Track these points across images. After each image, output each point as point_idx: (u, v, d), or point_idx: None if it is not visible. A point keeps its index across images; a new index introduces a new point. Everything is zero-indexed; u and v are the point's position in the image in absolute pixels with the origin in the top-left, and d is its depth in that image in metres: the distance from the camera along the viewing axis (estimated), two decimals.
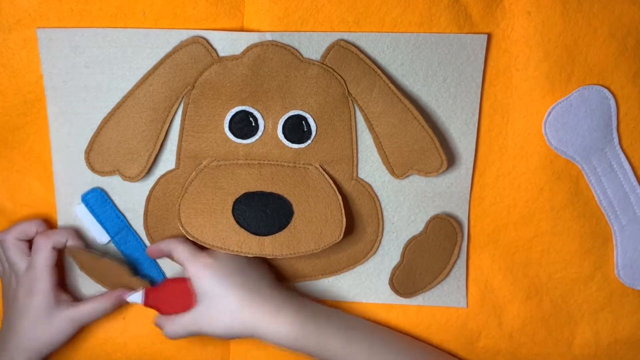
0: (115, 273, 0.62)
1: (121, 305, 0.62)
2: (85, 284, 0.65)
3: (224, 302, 0.58)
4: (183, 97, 0.60)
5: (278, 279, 0.65)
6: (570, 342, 0.67)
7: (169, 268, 0.66)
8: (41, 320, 0.59)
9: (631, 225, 0.64)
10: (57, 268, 0.62)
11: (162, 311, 0.61)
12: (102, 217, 0.63)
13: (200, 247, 0.61)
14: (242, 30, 0.59)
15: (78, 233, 0.63)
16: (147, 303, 0.61)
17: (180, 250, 0.60)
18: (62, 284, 0.65)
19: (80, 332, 0.65)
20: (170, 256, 0.62)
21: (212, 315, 0.59)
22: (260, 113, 0.60)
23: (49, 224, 0.64)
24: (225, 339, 0.60)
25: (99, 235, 0.63)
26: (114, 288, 0.64)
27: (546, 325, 0.66)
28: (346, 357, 0.60)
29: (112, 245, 0.65)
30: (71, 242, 0.61)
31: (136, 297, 0.61)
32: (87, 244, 0.64)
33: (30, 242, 0.62)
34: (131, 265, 0.65)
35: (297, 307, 0.60)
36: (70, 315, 0.60)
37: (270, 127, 0.61)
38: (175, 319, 0.60)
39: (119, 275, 0.63)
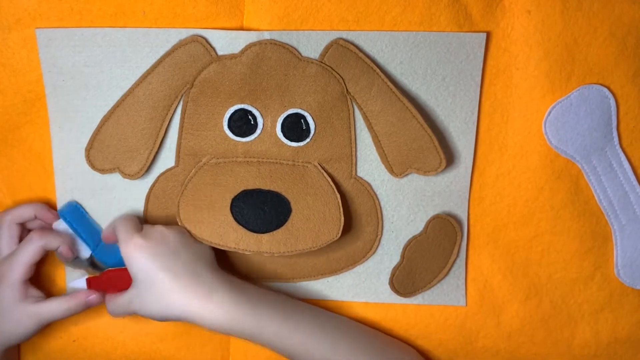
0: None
1: (88, 307, 0.60)
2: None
3: (153, 285, 0.57)
4: (182, 95, 0.59)
5: (278, 279, 0.65)
6: (570, 342, 0.66)
7: None
8: (3, 311, 0.58)
9: (631, 225, 0.63)
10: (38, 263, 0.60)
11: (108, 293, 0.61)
12: (81, 230, 0.62)
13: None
14: (242, 29, 0.58)
15: (73, 242, 0.61)
16: (90, 287, 0.60)
17: (119, 230, 0.59)
18: (38, 279, 0.64)
19: (79, 331, 0.65)
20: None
21: (144, 298, 0.57)
22: (259, 111, 0.60)
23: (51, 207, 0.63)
24: (161, 321, 0.58)
25: (81, 249, 0.62)
26: None
27: (545, 325, 0.66)
28: (282, 341, 0.58)
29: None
30: (62, 248, 0.60)
31: (79, 282, 0.60)
32: (76, 256, 0.62)
33: (24, 226, 0.61)
34: None
35: (231, 290, 0.58)
36: (34, 311, 0.58)
37: (269, 126, 0.60)
38: (115, 298, 0.59)
39: None
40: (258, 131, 0.60)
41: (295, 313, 0.61)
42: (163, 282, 0.56)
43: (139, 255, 0.57)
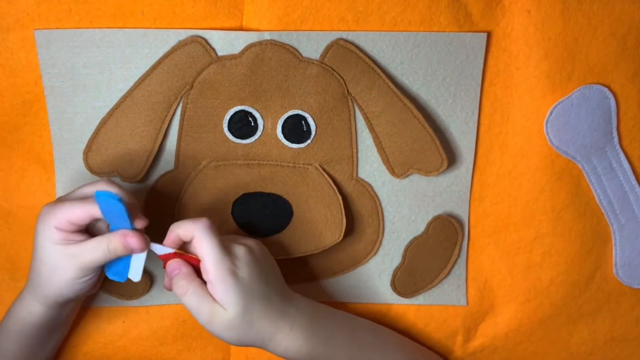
0: None
1: (128, 250, 0.52)
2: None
3: (247, 312, 0.52)
4: (182, 97, 0.57)
5: None
6: (567, 340, 0.65)
7: None
8: (43, 254, 0.52)
9: (630, 225, 0.62)
10: None
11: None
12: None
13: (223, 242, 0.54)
14: (241, 29, 0.56)
15: None
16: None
17: (206, 247, 0.51)
18: None
19: (79, 336, 0.63)
20: (185, 244, 0.54)
21: (233, 323, 0.52)
22: (260, 113, 0.58)
23: None
24: (236, 345, 0.55)
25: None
26: (110, 287, 0.62)
27: (544, 326, 0.65)
28: None
29: None
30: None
31: (160, 249, 0.54)
32: None
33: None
34: None
35: (309, 320, 0.55)
36: (71, 252, 0.51)
37: (270, 127, 0.59)
38: (197, 289, 0.51)
39: None
40: (258, 133, 0.59)
41: (357, 331, 0.59)
42: (259, 311, 0.52)
43: (232, 281, 0.51)
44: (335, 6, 0.56)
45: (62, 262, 0.52)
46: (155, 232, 0.61)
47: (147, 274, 0.62)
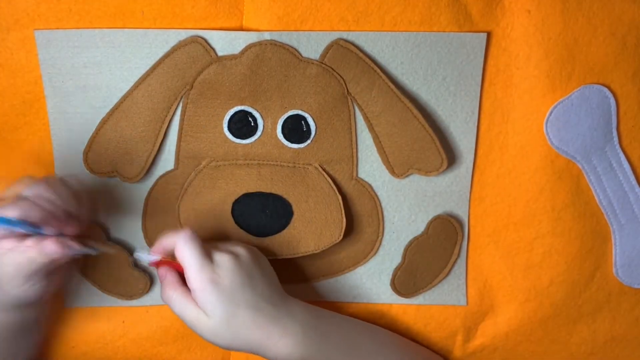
0: (115, 265, 0.59)
1: (46, 255, 0.49)
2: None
3: (233, 319, 0.52)
4: (182, 97, 0.57)
5: (279, 281, 0.63)
6: (567, 340, 0.65)
7: None
8: None
9: (630, 225, 0.62)
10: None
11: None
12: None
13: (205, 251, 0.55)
14: (241, 29, 0.56)
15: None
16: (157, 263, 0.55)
17: (187, 257, 0.52)
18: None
19: (78, 336, 0.63)
20: (171, 254, 0.55)
21: (218, 330, 0.52)
22: (260, 113, 0.58)
23: None
24: (223, 349, 0.55)
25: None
26: (109, 288, 0.62)
27: (544, 326, 0.64)
28: None
29: None
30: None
31: (146, 257, 0.55)
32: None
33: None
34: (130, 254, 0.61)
35: (302, 326, 0.55)
36: (2, 261, 0.49)
37: (270, 127, 0.58)
38: (181, 296, 0.52)
39: (118, 268, 0.60)
40: (258, 133, 0.59)
41: (357, 338, 0.59)
42: (245, 318, 0.52)
43: (213, 290, 0.51)
44: (335, 6, 0.56)
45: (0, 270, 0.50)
46: (155, 233, 0.61)
47: (147, 274, 0.62)
